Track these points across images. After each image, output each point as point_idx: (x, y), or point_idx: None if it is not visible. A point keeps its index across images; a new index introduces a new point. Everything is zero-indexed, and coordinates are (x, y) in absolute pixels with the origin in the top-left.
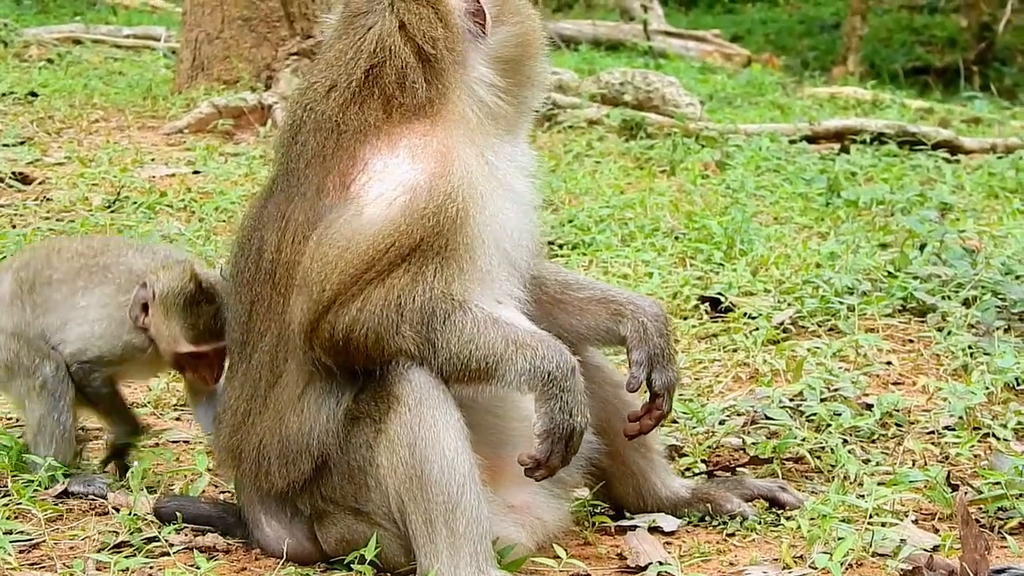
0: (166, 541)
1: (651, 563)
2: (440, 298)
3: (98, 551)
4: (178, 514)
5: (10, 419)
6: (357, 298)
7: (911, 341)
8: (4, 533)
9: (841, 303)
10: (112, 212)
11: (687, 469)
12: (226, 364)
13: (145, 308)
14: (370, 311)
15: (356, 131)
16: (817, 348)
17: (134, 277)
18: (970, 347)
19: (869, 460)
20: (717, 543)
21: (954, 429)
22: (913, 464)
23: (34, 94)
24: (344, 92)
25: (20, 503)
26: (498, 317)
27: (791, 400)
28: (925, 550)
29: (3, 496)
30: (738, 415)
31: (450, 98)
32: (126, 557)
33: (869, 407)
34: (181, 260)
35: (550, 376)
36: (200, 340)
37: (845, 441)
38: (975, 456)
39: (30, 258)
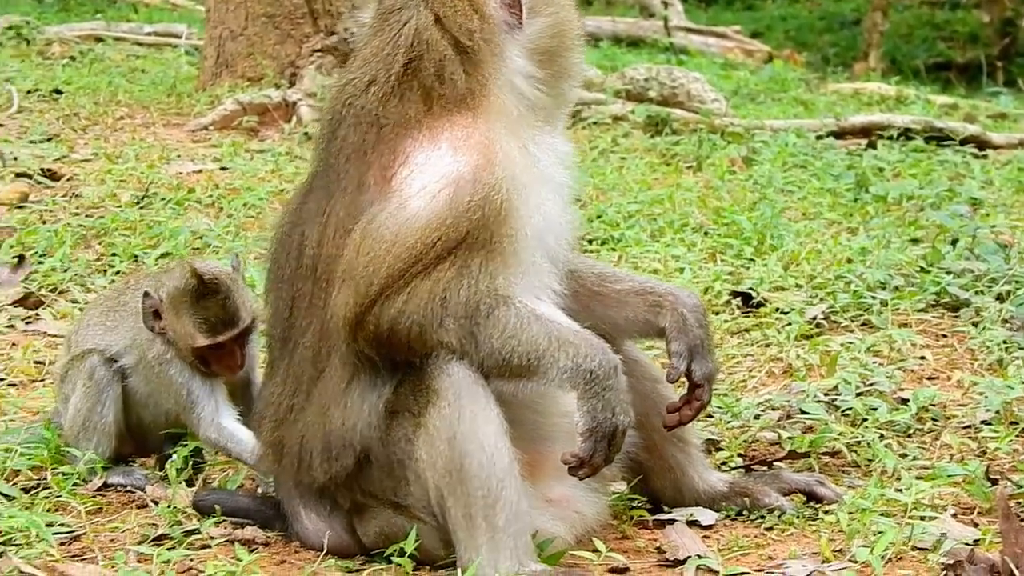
0: (207, 534)
1: (690, 557)
2: (484, 293)
3: (138, 543)
4: (217, 507)
5: (46, 412)
6: (403, 291)
7: (945, 336)
8: (46, 525)
9: (874, 298)
10: (141, 208)
11: (723, 463)
12: (248, 350)
13: (156, 315)
14: (415, 304)
15: (396, 124)
16: (850, 343)
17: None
18: (1005, 342)
19: (906, 454)
20: (755, 537)
21: (991, 424)
22: (951, 458)
23: (58, 91)
24: (384, 86)
25: (60, 496)
26: (541, 313)
27: (826, 395)
28: (966, 544)
29: (43, 489)
30: (773, 409)
31: (490, 90)
32: (168, 549)
33: (905, 402)
34: (179, 262)
35: (592, 375)
36: (215, 331)
37: (882, 436)
38: (1013, 450)
39: None
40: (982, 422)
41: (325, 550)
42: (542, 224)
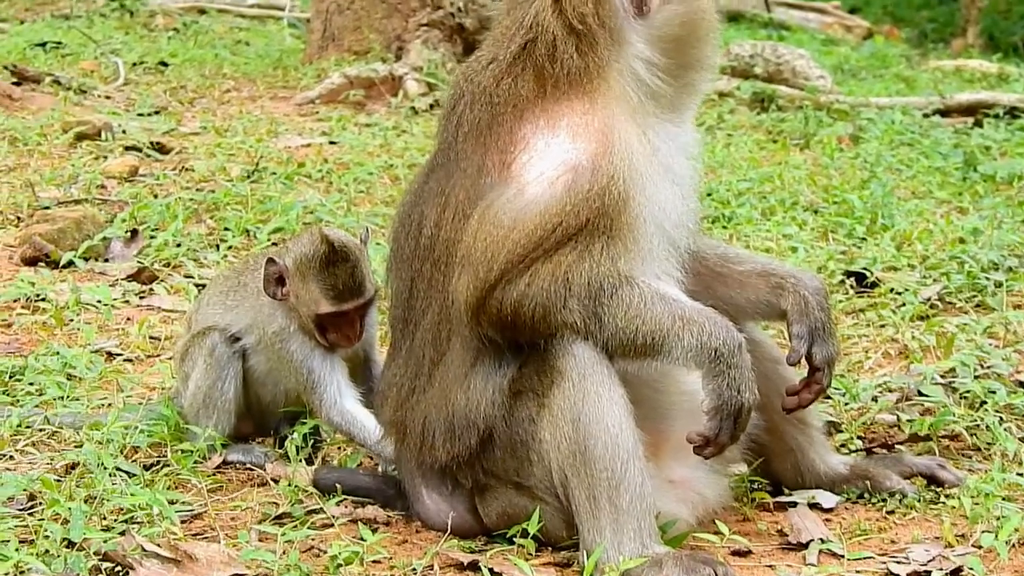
0: (329, 513)
1: (812, 540)
2: (607, 273)
3: (260, 522)
4: (338, 486)
5: (165, 388)
6: (524, 274)
7: None
8: (168, 503)
9: (988, 279)
10: (252, 182)
11: (843, 445)
12: (367, 325)
13: (280, 281)
14: (538, 286)
15: (507, 103)
16: (966, 324)
17: None
18: None
19: None
20: (877, 520)
21: None
22: None
23: (164, 64)
24: (500, 64)
25: (180, 473)
26: (665, 293)
27: (943, 376)
28: None
29: (164, 466)
30: (891, 391)
31: (608, 74)
32: (291, 528)
33: (1023, 385)
34: (308, 229)
35: (717, 353)
36: (341, 299)
37: (1001, 419)
38: None
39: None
40: None
41: (449, 530)
42: (659, 213)
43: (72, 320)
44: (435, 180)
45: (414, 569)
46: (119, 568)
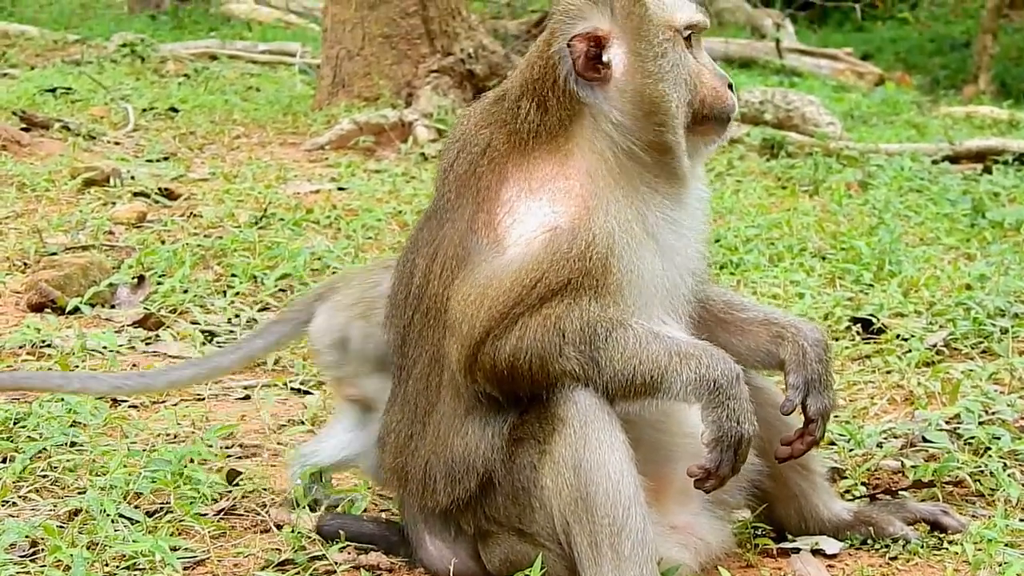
0: (332, 560)
1: None
2: (599, 318)
3: (262, 569)
4: (341, 532)
5: (168, 434)
6: (513, 328)
7: None
8: (171, 550)
9: (994, 325)
10: (260, 229)
11: (847, 491)
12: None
13: None
14: (531, 338)
15: (483, 154)
16: (971, 370)
17: None
18: None
19: None
20: (880, 566)
21: None
22: None
23: (174, 110)
24: (480, 113)
25: (184, 519)
26: (659, 331)
27: (948, 423)
28: None
29: (167, 512)
30: (895, 437)
31: (574, 134)
32: (294, 575)
33: None
34: None
35: (715, 384)
36: None
37: (1005, 465)
38: None
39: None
40: None
41: None
42: (641, 282)
43: (78, 366)
44: (428, 229)
45: None
46: None
